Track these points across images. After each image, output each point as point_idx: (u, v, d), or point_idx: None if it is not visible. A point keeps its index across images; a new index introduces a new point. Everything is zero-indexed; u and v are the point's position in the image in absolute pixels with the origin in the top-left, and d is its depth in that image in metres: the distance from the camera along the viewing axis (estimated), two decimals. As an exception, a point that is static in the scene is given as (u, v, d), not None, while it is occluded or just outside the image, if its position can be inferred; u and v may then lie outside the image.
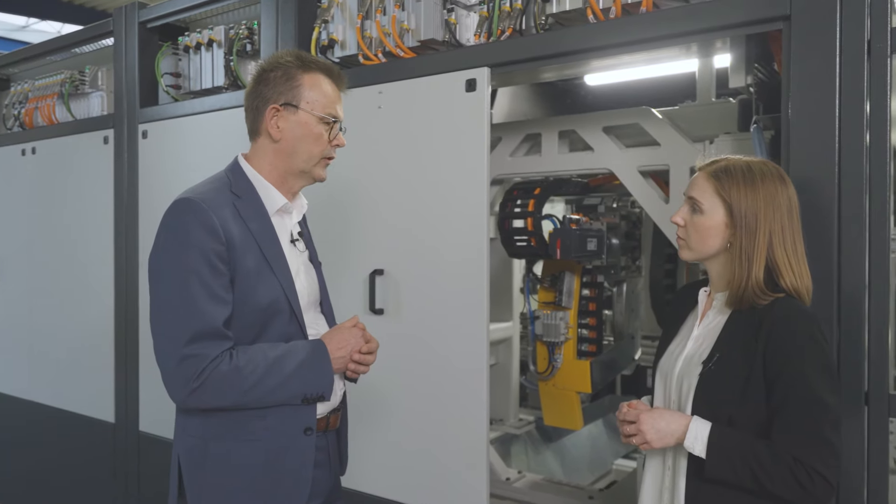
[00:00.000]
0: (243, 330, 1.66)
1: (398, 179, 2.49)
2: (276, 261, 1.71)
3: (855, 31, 1.70)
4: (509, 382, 3.62)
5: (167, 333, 1.61)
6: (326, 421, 1.79)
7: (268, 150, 1.76)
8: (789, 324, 1.50)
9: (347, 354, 1.75)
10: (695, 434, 1.52)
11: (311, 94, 1.73)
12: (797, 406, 1.46)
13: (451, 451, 2.38)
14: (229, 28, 3.03)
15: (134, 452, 3.36)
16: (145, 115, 3.29)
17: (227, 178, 1.76)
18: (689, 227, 1.66)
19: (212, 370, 1.57)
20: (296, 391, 1.67)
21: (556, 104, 3.76)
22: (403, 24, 2.45)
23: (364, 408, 2.51)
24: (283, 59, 1.76)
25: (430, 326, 2.42)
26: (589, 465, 3.92)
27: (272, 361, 1.63)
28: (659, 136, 2.47)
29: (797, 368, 1.47)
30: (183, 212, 1.63)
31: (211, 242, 1.60)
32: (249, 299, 1.65)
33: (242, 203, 1.71)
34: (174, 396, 1.62)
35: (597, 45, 2.08)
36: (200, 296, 1.58)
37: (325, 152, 1.77)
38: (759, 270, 1.55)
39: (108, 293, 3.44)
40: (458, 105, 2.34)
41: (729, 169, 1.60)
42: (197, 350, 1.57)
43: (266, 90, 1.74)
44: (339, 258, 2.59)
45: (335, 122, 1.76)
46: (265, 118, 1.74)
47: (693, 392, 1.58)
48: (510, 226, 2.80)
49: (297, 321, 1.74)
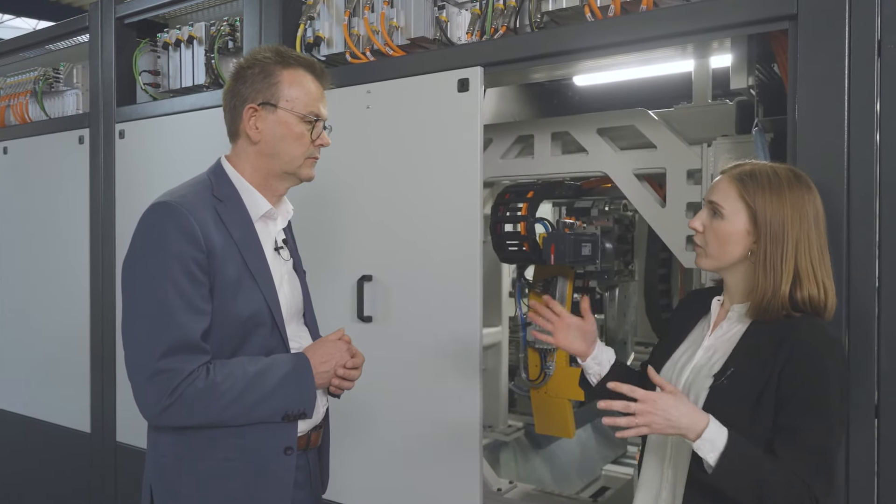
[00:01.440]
0: (222, 343, 1.57)
1: (387, 182, 2.41)
2: (259, 270, 1.62)
3: (865, 30, 1.64)
4: (498, 388, 3.55)
5: (140, 346, 1.51)
6: (307, 439, 1.70)
7: (248, 151, 1.68)
8: (813, 347, 1.43)
9: (331, 369, 1.66)
10: (712, 438, 1.39)
11: (290, 92, 1.64)
12: (808, 429, 1.41)
13: (442, 463, 2.31)
14: (210, 24, 2.95)
15: (111, 464, 3.25)
16: (122, 115, 3.20)
17: (209, 180, 1.67)
18: (707, 232, 1.58)
19: (186, 386, 1.48)
20: (276, 408, 1.57)
21: (544, 105, 3.69)
22: (392, 21, 2.39)
23: (352, 418, 2.43)
24: (260, 56, 1.67)
25: (421, 334, 2.35)
26: (578, 471, 3.87)
27: (252, 377, 1.54)
28: (655, 139, 2.41)
29: (818, 395, 1.41)
30: (161, 216, 1.54)
31: (190, 250, 1.50)
32: (229, 311, 1.56)
33: (225, 208, 1.62)
34: (146, 414, 1.53)
35: (596, 45, 2.02)
36: (177, 306, 1.48)
37: (309, 153, 1.69)
38: (787, 283, 1.47)
39: (84, 299, 3.34)
40: (449, 105, 2.27)
41: (754, 173, 1.53)
42: (171, 364, 1.47)
43: (243, 88, 1.65)
44: (326, 264, 2.51)
45: (317, 120, 1.68)
46: (243, 119, 1.65)
47: (701, 406, 1.51)
48: (502, 230, 2.72)
49: (279, 334, 1.65)
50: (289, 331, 1.69)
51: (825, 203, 1.66)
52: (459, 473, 2.28)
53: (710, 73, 2.57)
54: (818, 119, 1.69)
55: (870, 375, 1.64)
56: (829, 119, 1.68)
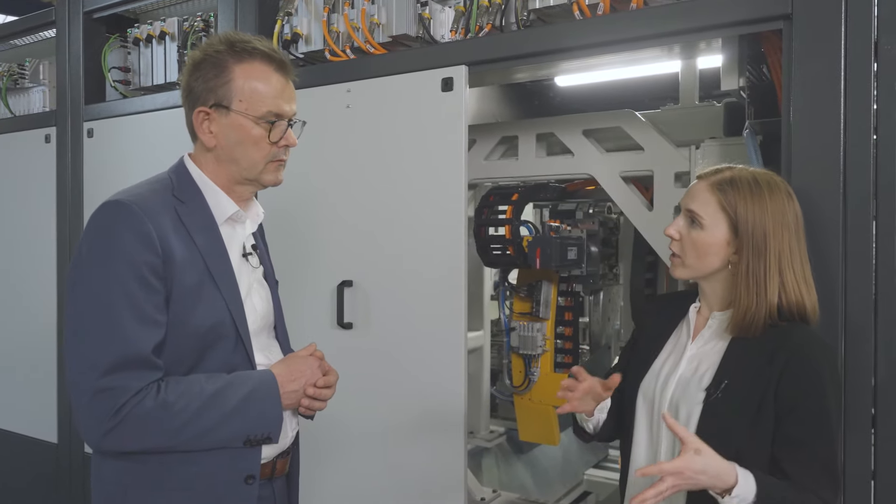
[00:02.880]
0: (178, 358, 1.41)
1: (368, 184, 2.34)
2: (223, 277, 1.47)
3: (861, 31, 1.59)
4: (480, 393, 3.49)
5: (82, 360, 1.34)
6: (272, 466, 1.54)
7: (207, 156, 1.53)
8: (810, 355, 1.39)
9: (301, 388, 1.50)
10: (742, 493, 1.30)
11: (245, 90, 1.46)
12: (817, 442, 1.37)
13: (425, 475, 2.24)
14: (183, 20, 2.86)
15: (79, 475, 3.13)
16: (91, 113, 3.09)
17: (170, 179, 1.51)
18: (684, 242, 1.51)
19: (133, 406, 1.31)
20: (237, 431, 1.41)
21: (525, 106, 3.64)
22: (373, 18, 2.32)
23: (325, 438, 2.35)
24: (212, 47, 1.48)
25: (404, 341, 2.28)
26: (560, 475, 3.84)
27: (210, 396, 1.38)
28: (642, 140, 2.36)
29: (818, 404, 1.37)
30: (112, 217, 1.38)
31: (143, 253, 1.35)
32: (187, 321, 1.40)
33: (186, 210, 1.46)
34: (87, 437, 1.36)
35: (585, 44, 1.96)
36: (126, 316, 1.33)
37: (271, 156, 1.51)
38: (774, 295, 1.42)
39: (50, 303, 3.21)
40: (433, 105, 2.20)
41: (735, 181, 1.46)
42: (116, 382, 1.31)
43: (196, 86, 1.49)
44: (304, 269, 2.43)
45: (277, 121, 1.50)
46: (195, 122, 1.50)
47: (695, 422, 1.45)
48: (486, 233, 2.66)
49: (243, 348, 1.49)
50: (257, 344, 1.53)
51: (820, 208, 1.63)
52: (443, 485, 2.21)
53: (697, 74, 2.54)
54: (813, 122, 1.65)
55: (866, 385, 1.60)
56: (824, 122, 1.63)
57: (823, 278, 1.59)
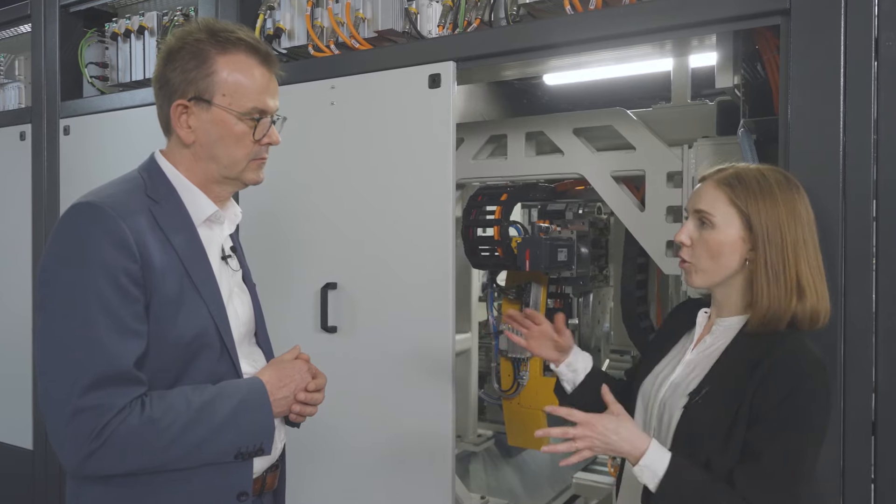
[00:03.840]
0: (161, 370, 1.32)
1: (353, 184, 2.28)
2: (205, 282, 1.38)
3: (861, 27, 1.55)
4: (468, 396, 3.44)
5: (59, 378, 1.23)
6: (262, 482, 1.46)
7: (183, 153, 1.43)
8: (790, 367, 1.31)
9: (291, 394, 1.43)
10: (651, 463, 1.32)
11: (229, 84, 1.37)
12: (773, 457, 1.29)
13: (413, 482, 2.18)
14: (163, 14, 2.80)
15: (55, 482, 3.05)
16: (67, 109, 3.02)
17: (142, 178, 1.40)
18: (697, 246, 1.45)
19: (117, 425, 1.22)
20: (228, 445, 1.33)
21: (514, 104, 3.59)
22: (359, 12, 2.25)
23: (311, 447, 2.28)
24: (191, 35, 1.39)
25: (390, 344, 2.22)
26: (549, 479, 3.79)
27: (197, 409, 1.29)
28: (634, 140, 2.31)
29: (784, 417, 1.29)
30: (84, 220, 1.28)
31: (121, 259, 1.25)
32: (170, 332, 1.31)
33: (161, 210, 1.36)
34: (66, 462, 1.25)
35: (576, 40, 1.91)
36: (105, 328, 1.23)
37: (253, 154, 1.43)
38: (795, 286, 1.36)
39: (25, 306, 3.13)
40: (420, 102, 2.14)
41: (741, 176, 1.41)
42: (97, 400, 1.21)
43: (173, 76, 1.38)
44: (286, 272, 2.36)
45: (262, 117, 1.42)
46: (172, 116, 1.40)
47: (674, 426, 1.41)
48: (474, 234, 2.60)
49: (228, 357, 1.40)
50: (240, 352, 1.45)
51: (819, 208, 1.57)
52: (431, 492, 2.15)
53: (690, 72, 2.49)
54: (812, 120, 1.60)
55: (866, 390, 1.56)
56: (823, 120, 1.59)
57: (823, 280, 1.55)
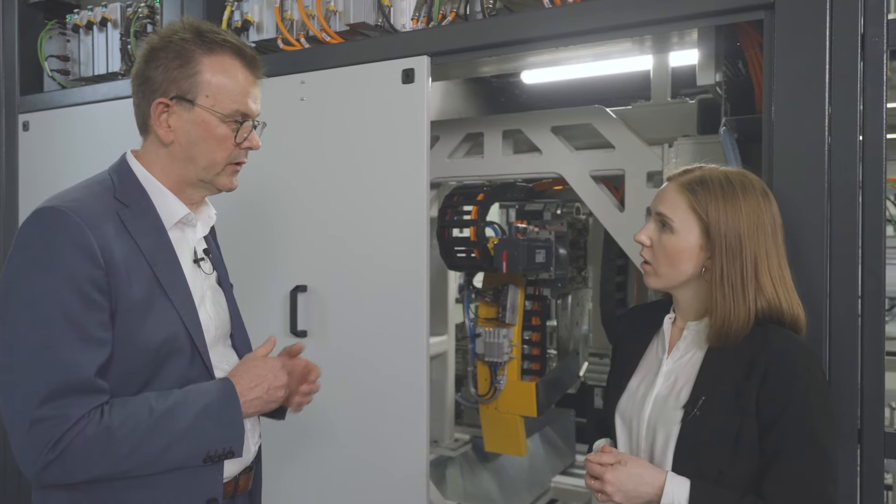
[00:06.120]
0: (128, 376, 1.30)
1: (323, 182, 2.20)
2: (175, 287, 1.36)
3: (847, 23, 1.51)
4: (444, 401, 3.38)
5: (16, 389, 1.22)
6: (235, 484, 1.44)
7: (159, 153, 1.41)
8: (790, 362, 1.29)
9: (264, 394, 1.40)
10: (672, 497, 1.29)
11: (213, 85, 1.38)
12: (798, 457, 1.26)
13: (386, 489, 2.11)
14: (126, 6, 2.69)
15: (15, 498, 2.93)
16: (27, 104, 2.90)
17: (111, 180, 1.39)
18: (656, 248, 1.42)
19: (74, 436, 1.20)
20: (195, 449, 1.30)
21: (491, 103, 3.54)
22: (330, 5, 2.18)
23: (283, 450, 2.20)
24: (176, 34, 1.38)
25: (362, 348, 2.15)
26: (527, 484, 3.74)
27: (159, 416, 1.27)
28: (613, 138, 2.26)
29: (801, 414, 1.26)
30: (47, 226, 1.26)
31: (84, 267, 1.24)
32: (136, 338, 1.29)
33: (130, 214, 1.35)
34: (26, 471, 1.24)
35: (554, 34, 1.85)
36: (66, 338, 1.22)
37: (233, 157, 1.43)
38: (752, 302, 1.33)
39: (-17, 310, 2.98)
40: (393, 98, 2.07)
41: (705, 180, 1.37)
42: (54, 410, 1.20)
43: (155, 75, 1.38)
44: (254, 274, 2.28)
45: (245, 120, 1.42)
46: (151, 115, 1.38)
47: (674, 443, 1.35)
48: (450, 235, 2.53)
49: (201, 361, 1.38)
50: (214, 355, 1.43)
51: (803, 210, 1.54)
52: (405, 499, 2.08)
53: (670, 70, 2.44)
54: (796, 119, 1.55)
55: (853, 397, 1.51)
56: (808, 118, 1.54)
57: (807, 283, 1.50)
